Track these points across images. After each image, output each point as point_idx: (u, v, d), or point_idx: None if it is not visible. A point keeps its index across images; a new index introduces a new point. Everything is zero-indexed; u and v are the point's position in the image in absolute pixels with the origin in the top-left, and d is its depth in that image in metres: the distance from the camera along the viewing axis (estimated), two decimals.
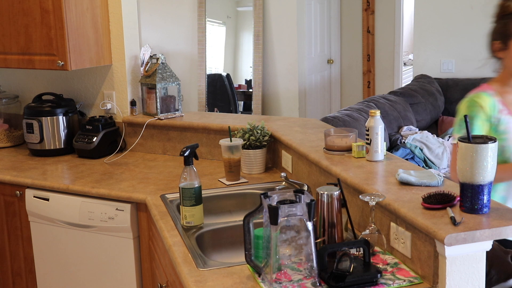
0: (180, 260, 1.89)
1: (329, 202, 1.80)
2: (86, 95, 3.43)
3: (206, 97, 5.89)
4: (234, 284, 1.70)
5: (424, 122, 5.03)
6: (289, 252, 1.64)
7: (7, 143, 3.51)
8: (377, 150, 2.18)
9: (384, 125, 2.25)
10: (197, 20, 5.86)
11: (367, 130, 2.20)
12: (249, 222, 1.70)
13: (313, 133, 2.72)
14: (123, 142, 3.29)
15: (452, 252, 1.56)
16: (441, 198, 1.72)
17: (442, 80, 5.43)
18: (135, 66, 3.33)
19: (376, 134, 2.17)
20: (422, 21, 5.63)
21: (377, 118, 2.20)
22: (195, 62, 5.91)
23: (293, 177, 2.59)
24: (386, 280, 1.67)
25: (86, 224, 2.69)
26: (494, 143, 1.63)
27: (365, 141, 2.24)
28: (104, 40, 3.22)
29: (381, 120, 2.21)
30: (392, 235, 1.81)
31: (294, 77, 5.65)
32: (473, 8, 5.39)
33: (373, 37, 6.60)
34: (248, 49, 5.82)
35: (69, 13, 2.97)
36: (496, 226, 1.58)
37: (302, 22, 5.71)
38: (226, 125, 2.94)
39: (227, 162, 2.66)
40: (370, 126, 2.19)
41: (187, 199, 2.14)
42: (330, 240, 1.81)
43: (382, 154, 2.20)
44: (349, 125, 3.79)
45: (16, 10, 3.05)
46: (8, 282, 3.09)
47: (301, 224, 1.61)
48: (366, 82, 6.71)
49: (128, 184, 2.70)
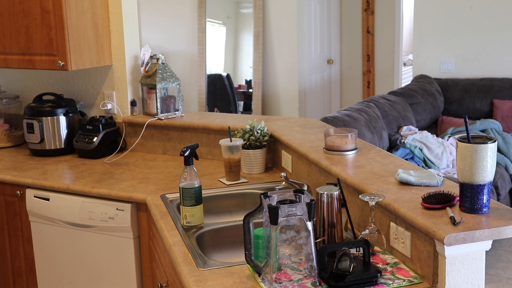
0: (180, 260, 1.89)
1: (329, 202, 1.80)
2: (86, 95, 3.43)
3: (206, 97, 5.89)
4: (234, 284, 1.70)
5: (424, 122, 5.04)
6: (289, 252, 1.64)
7: (7, 143, 3.51)
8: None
9: (384, 124, 2.25)
10: (197, 20, 5.87)
11: None
12: (249, 222, 1.71)
13: (313, 133, 2.72)
14: (123, 142, 3.29)
15: (452, 252, 1.57)
16: (440, 198, 1.72)
17: (442, 80, 5.44)
18: (135, 66, 3.33)
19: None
20: (422, 21, 5.64)
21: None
22: (195, 62, 5.91)
23: (293, 177, 2.60)
24: (385, 280, 1.67)
25: (86, 224, 2.70)
26: (493, 143, 1.63)
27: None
28: (105, 40, 3.23)
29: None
30: (392, 235, 1.82)
31: (294, 77, 5.65)
32: (473, 9, 5.40)
33: (373, 37, 6.60)
34: (248, 49, 5.82)
35: (69, 13, 2.97)
36: (496, 226, 1.59)
37: (302, 22, 5.71)
38: (226, 125, 2.95)
39: (227, 162, 2.66)
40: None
41: (187, 199, 2.15)
42: (330, 240, 1.81)
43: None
44: (349, 125, 3.80)
45: (16, 11, 3.05)
46: (9, 282, 3.09)
47: (301, 224, 1.62)
48: (366, 82, 6.71)
49: (128, 184, 2.70)
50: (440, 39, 5.55)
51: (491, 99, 5.16)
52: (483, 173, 1.63)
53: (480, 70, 5.43)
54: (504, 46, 5.34)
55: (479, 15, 5.38)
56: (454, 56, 5.53)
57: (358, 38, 6.67)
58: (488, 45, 5.39)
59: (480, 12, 5.38)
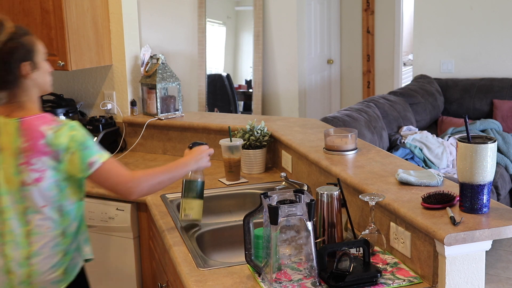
0: (180, 260, 1.89)
1: (329, 202, 1.81)
2: (86, 95, 3.43)
3: (206, 97, 5.89)
4: (234, 284, 1.70)
5: (424, 122, 5.04)
6: (289, 252, 1.64)
7: None
8: None
9: (384, 124, 2.25)
10: (197, 20, 5.86)
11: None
12: (249, 222, 1.71)
13: (313, 133, 2.72)
14: (123, 142, 3.29)
15: (452, 252, 1.57)
16: (440, 198, 1.72)
17: (442, 80, 5.43)
18: (135, 66, 3.33)
19: None
20: (422, 21, 5.64)
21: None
22: (195, 62, 5.91)
23: (293, 177, 2.60)
24: (385, 280, 1.67)
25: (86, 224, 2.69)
26: (493, 143, 1.63)
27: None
28: (105, 40, 3.23)
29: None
30: (392, 235, 1.82)
31: (294, 77, 5.65)
32: (473, 9, 5.40)
33: (373, 37, 6.60)
34: (248, 49, 5.82)
35: (69, 14, 2.97)
36: (496, 226, 1.59)
37: (302, 22, 5.71)
38: (226, 125, 2.95)
39: (227, 162, 2.66)
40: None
41: (189, 191, 2.15)
42: (330, 240, 1.81)
43: None
44: (349, 125, 3.79)
45: (16, 11, 3.05)
46: None
47: (301, 224, 1.62)
48: (366, 82, 6.71)
49: None
50: (440, 39, 5.55)
51: (491, 99, 5.16)
52: (483, 173, 1.63)
53: (480, 70, 5.43)
54: (504, 46, 5.34)
55: (479, 15, 5.38)
56: (454, 56, 5.52)
57: (358, 38, 6.67)
58: (488, 45, 5.38)
59: (480, 12, 5.38)
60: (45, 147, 1.84)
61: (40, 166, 1.85)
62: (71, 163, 1.87)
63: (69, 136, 1.86)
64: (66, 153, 1.85)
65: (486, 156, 1.62)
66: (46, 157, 1.85)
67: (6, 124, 1.89)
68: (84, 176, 1.91)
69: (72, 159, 1.86)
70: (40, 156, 1.85)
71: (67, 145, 1.85)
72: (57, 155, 1.85)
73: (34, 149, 1.85)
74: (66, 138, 1.85)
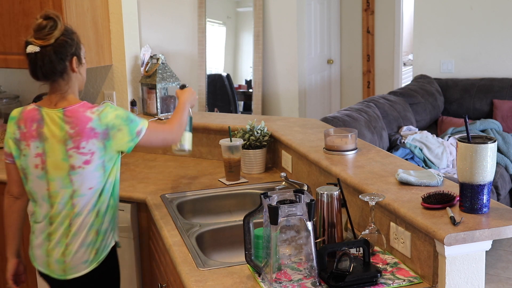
0: (180, 260, 1.89)
1: (329, 202, 1.81)
2: (86, 95, 3.43)
3: (206, 97, 5.89)
4: (234, 284, 1.70)
5: (424, 122, 5.04)
6: (289, 252, 1.64)
7: None
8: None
9: (384, 124, 2.25)
10: (197, 20, 5.87)
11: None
12: (249, 222, 1.71)
13: (313, 133, 2.72)
14: None
15: (452, 252, 1.57)
16: (440, 198, 1.72)
17: (442, 80, 5.43)
18: (135, 66, 3.33)
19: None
20: (422, 21, 5.64)
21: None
22: (195, 62, 5.91)
23: (293, 177, 2.60)
24: (385, 280, 1.67)
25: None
26: (493, 143, 1.63)
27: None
28: (105, 40, 3.23)
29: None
30: (392, 235, 1.82)
31: (294, 77, 5.65)
32: (473, 9, 5.40)
33: (373, 37, 6.60)
34: (248, 49, 5.82)
35: (69, 14, 2.97)
36: (496, 226, 1.59)
37: (302, 22, 5.71)
38: (226, 125, 2.95)
39: (227, 162, 2.66)
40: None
41: None
42: (330, 240, 1.82)
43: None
44: (349, 125, 3.80)
45: (16, 11, 3.05)
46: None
47: (301, 224, 1.62)
48: (366, 82, 6.71)
49: (128, 184, 2.70)
50: (440, 39, 5.55)
51: (491, 99, 5.16)
52: (483, 173, 1.63)
53: (480, 70, 5.43)
54: (504, 46, 5.34)
55: (479, 15, 5.38)
56: (454, 56, 5.52)
57: (358, 38, 6.67)
58: (488, 45, 5.38)
59: (480, 12, 5.38)
60: (93, 130, 1.98)
61: (90, 148, 1.98)
62: (120, 138, 2.02)
63: (114, 115, 2.01)
64: (114, 130, 2.00)
65: (486, 156, 1.62)
66: (94, 139, 1.98)
67: (50, 114, 2.02)
68: (132, 146, 2.06)
69: (120, 134, 2.02)
70: (88, 139, 1.97)
71: (114, 123, 2.00)
72: (106, 134, 1.99)
73: (82, 134, 1.97)
74: (112, 117, 2.00)
